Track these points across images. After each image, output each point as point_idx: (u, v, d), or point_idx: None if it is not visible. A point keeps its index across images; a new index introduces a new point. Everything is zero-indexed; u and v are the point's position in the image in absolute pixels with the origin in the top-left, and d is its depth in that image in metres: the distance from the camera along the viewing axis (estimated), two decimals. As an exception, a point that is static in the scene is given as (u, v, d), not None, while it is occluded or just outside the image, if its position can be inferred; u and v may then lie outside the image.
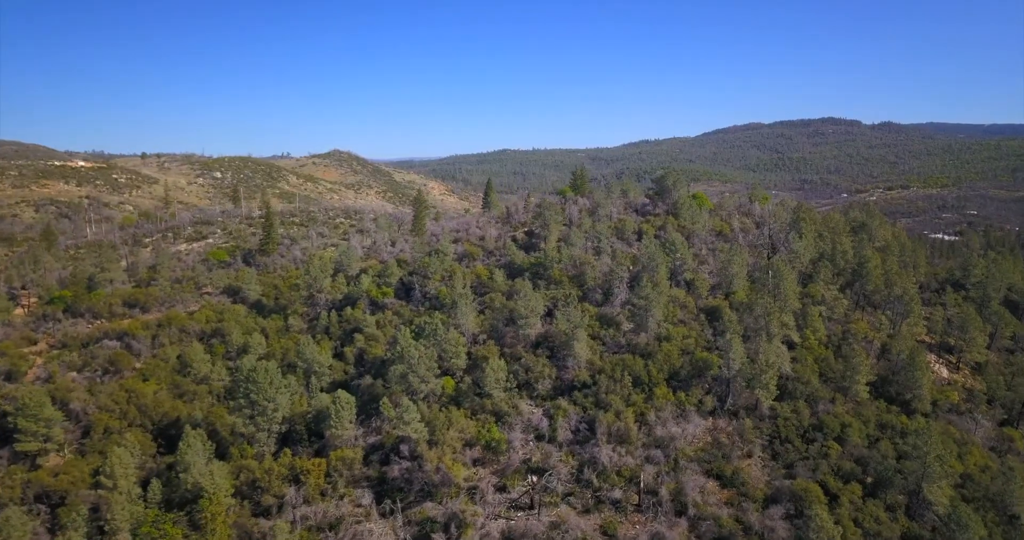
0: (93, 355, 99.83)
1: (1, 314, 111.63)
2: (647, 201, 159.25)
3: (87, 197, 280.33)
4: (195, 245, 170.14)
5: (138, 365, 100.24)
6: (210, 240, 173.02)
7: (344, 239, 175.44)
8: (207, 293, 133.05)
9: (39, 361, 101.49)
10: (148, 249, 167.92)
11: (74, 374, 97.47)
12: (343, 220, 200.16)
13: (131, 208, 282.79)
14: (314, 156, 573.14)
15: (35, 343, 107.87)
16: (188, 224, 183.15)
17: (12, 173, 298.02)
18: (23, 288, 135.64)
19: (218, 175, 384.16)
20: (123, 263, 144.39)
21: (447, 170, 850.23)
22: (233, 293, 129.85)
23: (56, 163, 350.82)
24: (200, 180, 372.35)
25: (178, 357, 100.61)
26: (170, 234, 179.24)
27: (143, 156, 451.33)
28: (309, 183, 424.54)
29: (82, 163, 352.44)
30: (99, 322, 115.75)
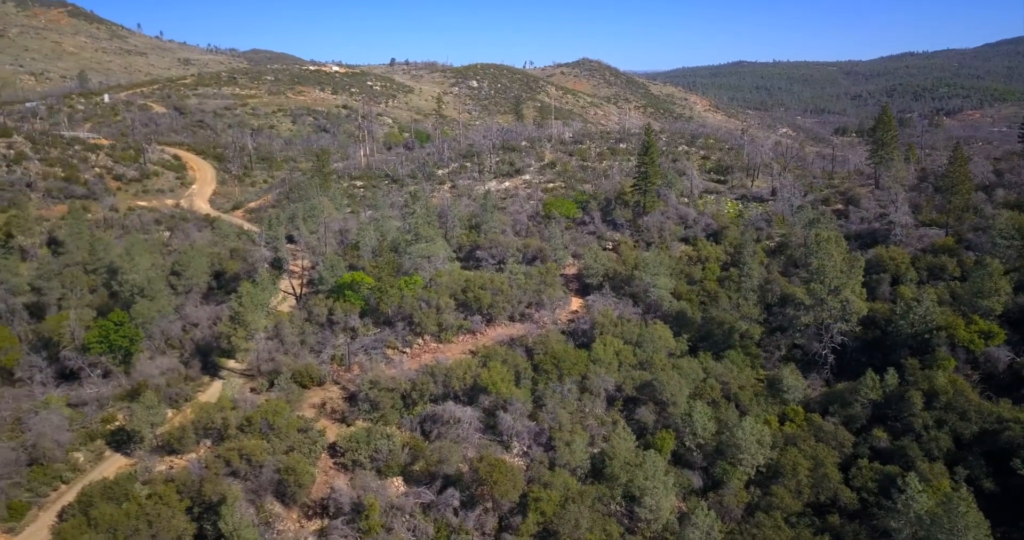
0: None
1: (257, 314, 63.42)
2: None
3: (345, 107, 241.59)
4: (508, 183, 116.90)
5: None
6: (527, 176, 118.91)
7: (719, 181, 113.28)
8: (569, 282, 78.27)
9: (330, 438, 51.78)
10: (446, 187, 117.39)
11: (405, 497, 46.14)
12: (687, 147, 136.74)
13: (390, 121, 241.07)
14: (560, 65, 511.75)
15: (320, 383, 58.68)
16: (488, 150, 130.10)
17: (268, 79, 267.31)
18: (291, 241, 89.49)
19: (474, 84, 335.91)
20: (418, 210, 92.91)
21: (677, 84, 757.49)
22: (618, 286, 73.66)
23: (310, 68, 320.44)
24: (456, 90, 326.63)
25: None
26: (468, 164, 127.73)
27: (392, 62, 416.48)
28: (569, 95, 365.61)
29: (336, 68, 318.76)
30: (423, 343, 64.49)
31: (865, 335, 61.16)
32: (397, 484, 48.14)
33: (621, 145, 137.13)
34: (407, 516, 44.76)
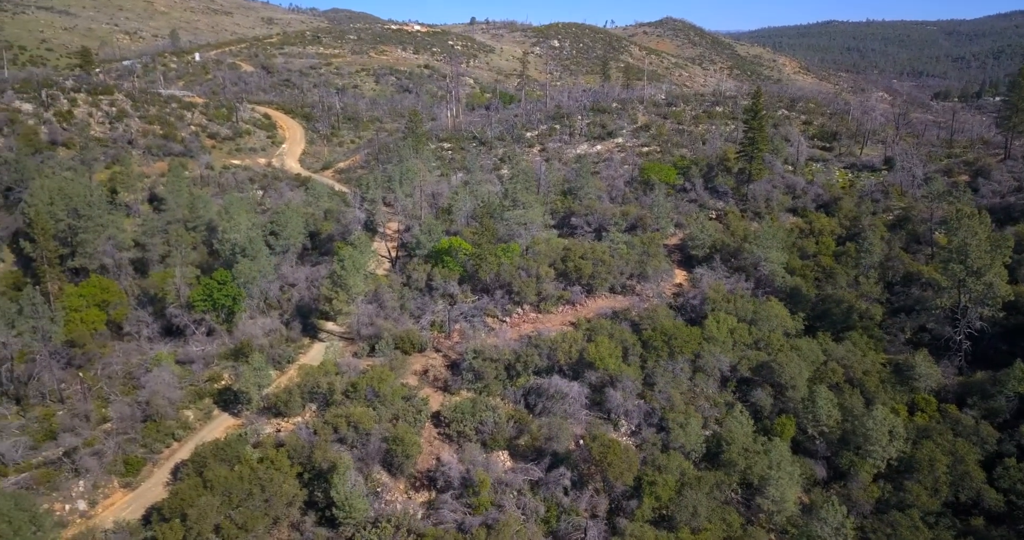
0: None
1: (357, 277, 62.24)
2: None
3: (427, 67, 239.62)
4: (600, 147, 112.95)
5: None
6: (619, 139, 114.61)
7: (825, 148, 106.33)
8: (671, 253, 74.81)
9: (434, 407, 50.68)
10: (536, 150, 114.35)
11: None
12: (787, 112, 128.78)
13: (471, 81, 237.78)
14: (643, 25, 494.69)
15: (421, 350, 57.59)
16: (576, 111, 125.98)
17: (351, 38, 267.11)
18: (386, 205, 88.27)
19: (555, 44, 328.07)
20: (516, 175, 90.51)
21: (763, 45, 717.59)
22: (727, 257, 69.84)
23: (392, 27, 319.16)
24: (537, 49, 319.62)
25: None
26: (557, 126, 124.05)
27: (471, 22, 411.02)
28: (653, 56, 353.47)
29: (417, 27, 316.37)
30: (522, 313, 62.61)
31: (1006, 321, 55.97)
32: (503, 458, 46.70)
33: (717, 108, 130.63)
34: (515, 493, 43.33)
